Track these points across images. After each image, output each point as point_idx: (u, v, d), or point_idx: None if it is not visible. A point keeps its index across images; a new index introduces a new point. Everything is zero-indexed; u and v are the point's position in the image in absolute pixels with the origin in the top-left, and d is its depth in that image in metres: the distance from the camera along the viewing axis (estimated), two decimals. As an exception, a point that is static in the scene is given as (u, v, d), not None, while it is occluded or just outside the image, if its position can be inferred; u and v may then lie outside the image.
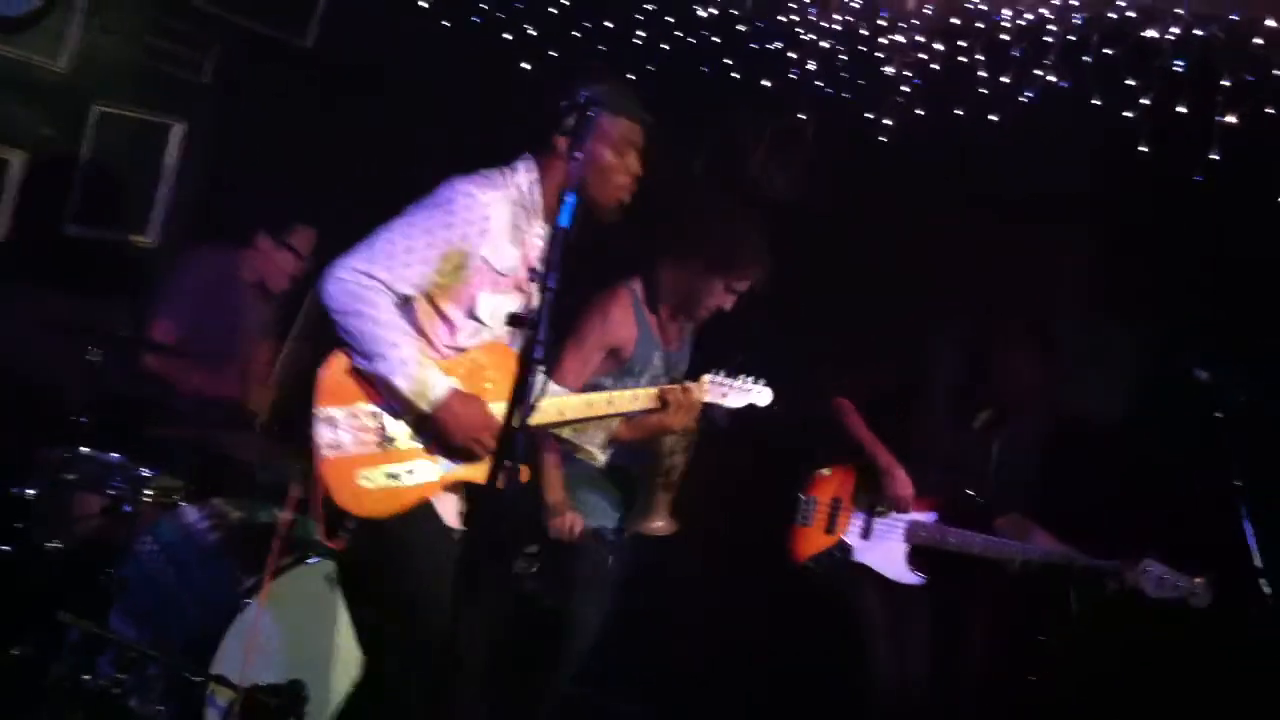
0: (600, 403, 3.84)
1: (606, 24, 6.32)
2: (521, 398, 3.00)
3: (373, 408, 3.64)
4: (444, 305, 3.70)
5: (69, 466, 4.72)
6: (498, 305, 3.71)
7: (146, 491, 4.77)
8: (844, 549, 4.97)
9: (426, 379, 3.58)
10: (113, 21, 5.94)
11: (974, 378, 4.98)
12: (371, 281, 3.57)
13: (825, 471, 5.06)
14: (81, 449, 4.75)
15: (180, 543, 4.66)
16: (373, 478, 3.62)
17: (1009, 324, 4.97)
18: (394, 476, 3.64)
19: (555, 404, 3.83)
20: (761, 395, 4.04)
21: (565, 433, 4.05)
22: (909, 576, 4.93)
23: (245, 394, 5.53)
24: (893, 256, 5.83)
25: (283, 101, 6.41)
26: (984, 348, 4.95)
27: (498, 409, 3.56)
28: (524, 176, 3.76)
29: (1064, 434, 5.13)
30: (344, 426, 3.61)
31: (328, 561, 4.44)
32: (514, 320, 3.50)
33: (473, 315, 3.70)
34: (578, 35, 6.41)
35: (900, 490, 4.85)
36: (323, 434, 3.60)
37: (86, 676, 4.31)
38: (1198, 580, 4.56)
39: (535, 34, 6.42)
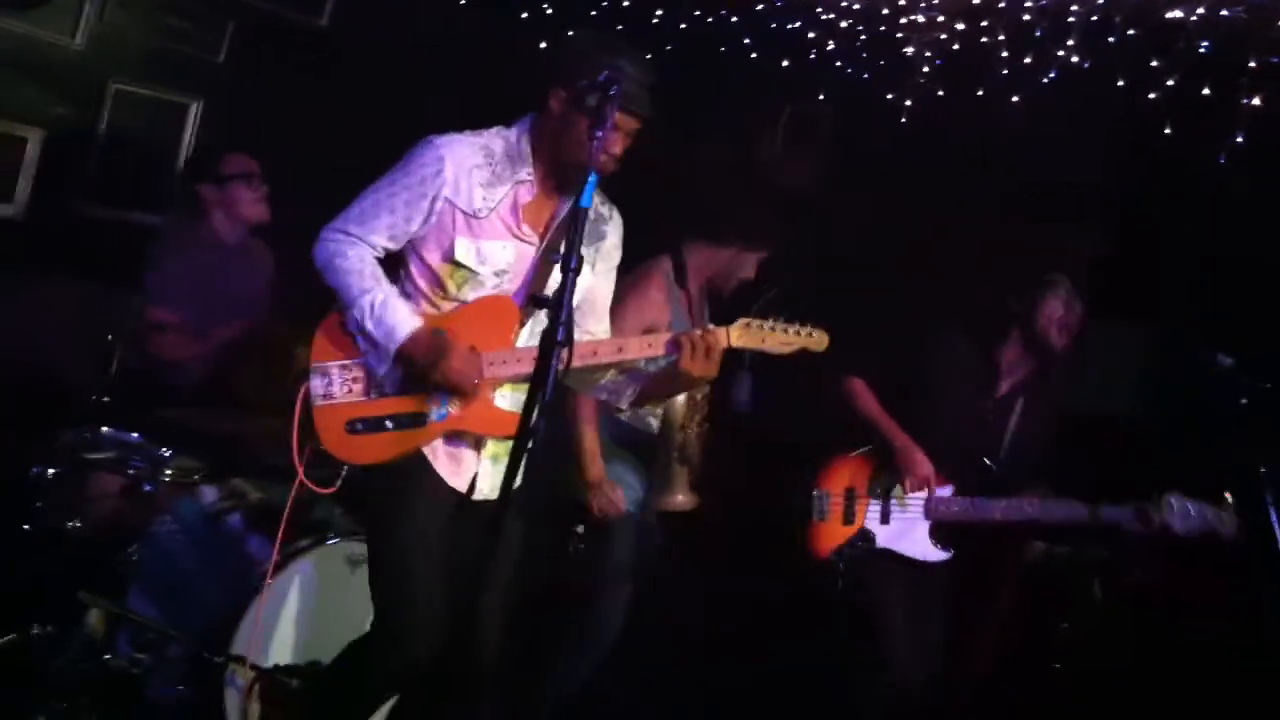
0: (609, 349, 3.69)
1: (624, 2, 6.28)
2: (543, 379, 2.98)
3: (362, 359, 3.72)
4: (426, 255, 3.73)
5: (88, 446, 4.72)
6: (483, 251, 3.68)
7: (166, 471, 4.77)
8: (866, 537, 4.92)
9: (395, 321, 3.61)
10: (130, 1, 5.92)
11: (997, 341, 4.96)
12: (346, 237, 3.70)
13: (836, 461, 5.01)
14: (101, 429, 4.75)
15: (199, 523, 4.67)
16: (360, 425, 3.69)
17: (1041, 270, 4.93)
18: (380, 424, 3.68)
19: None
20: (818, 339, 3.64)
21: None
22: (935, 553, 4.88)
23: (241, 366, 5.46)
24: (908, 238, 5.81)
25: (298, 80, 6.38)
26: (1014, 300, 4.92)
27: (494, 358, 3.63)
28: (514, 130, 3.77)
29: (1082, 416, 5.08)
30: (335, 377, 3.72)
31: (348, 542, 4.45)
32: (535, 301, 3.50)
33: (453, 260, 3.68)
34: (594, 14, 6.37)
35: (920, 471, 4.82)
36: (315, 385, 3.72)
37: (106, 656, 4.32)
38: (1224, 507, 4.51)
39: (552, 12, 6.38)
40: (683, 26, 6.19)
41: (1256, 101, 4.69)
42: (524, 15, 6.39)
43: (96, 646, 4.37)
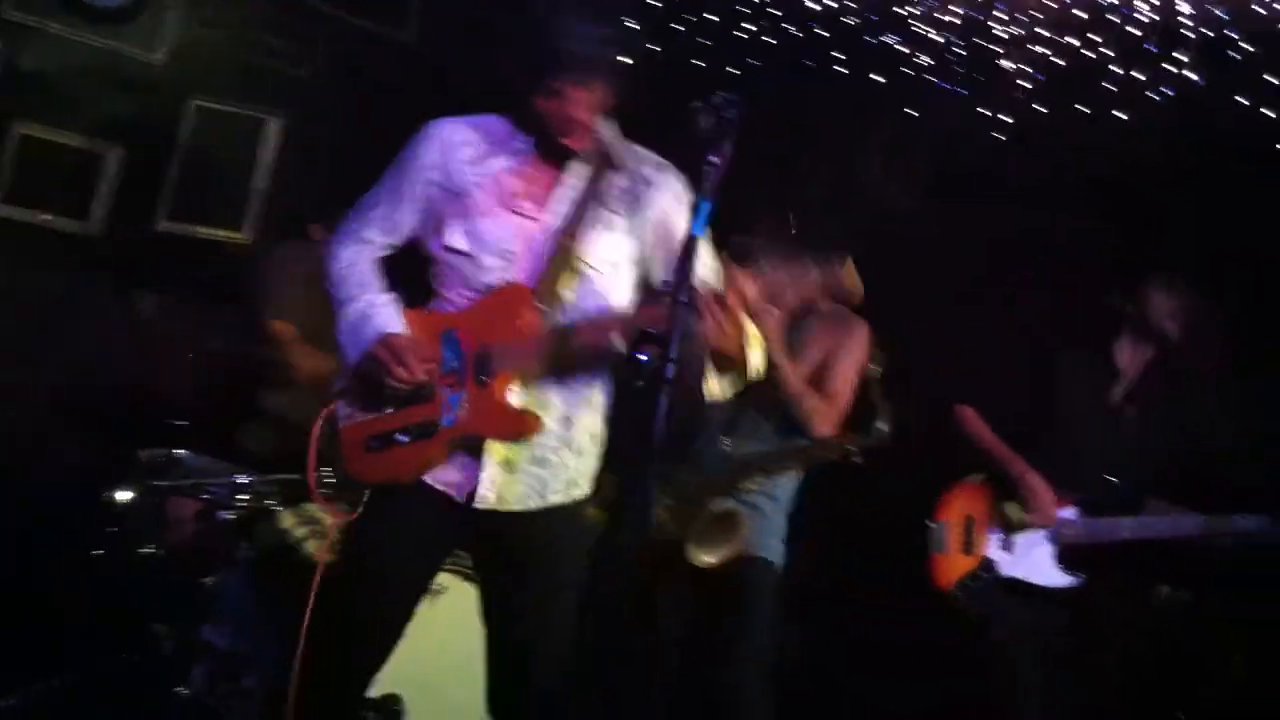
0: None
1: (709, 16, 6.14)
2: (652, 422, 2.77)
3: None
4: (431, 247, 3.52)
5: (165, 470, 4.63)
6: (477, 231, 3.43)
7: (242, 497, 4.66)
8: (989, 567, 4.73)
9: (364, 330, 3.41)
10: (214, 16, 5.86)
11: (1110, 343, 4.82)
12: (344, 235, 3.56)
13: (951, 491, 4.84)
14: (178, 452, 4.66)
15: (277, 550, 4.56)
16: (376, 443, 3.46)
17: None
18: (392, 439, 3.44)
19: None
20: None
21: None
22: (1062, 579, 4.67)
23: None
24: (1004, 259, 5.64)
25: (382, 96, 6.29)
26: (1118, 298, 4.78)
27: (505, 350, 3.37)
28: (500, 121, 3.54)
29: (1200, 433, 4.84)
30: (357, 394, 3.49)
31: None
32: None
33: (450, 248, 3.45)
34: (679, 28, 6.24)
35: (1042, 495, 4.64)
36: (340, 408, 3.52)
37: (182, 689, 4.23)
38: None
39: (636, 27, 6.24)
40: (773, 41, 6.05)
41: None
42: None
43: (172, 677, 4.28)
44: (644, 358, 4.84)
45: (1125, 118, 5.08)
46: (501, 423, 3.40)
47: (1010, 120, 5.48)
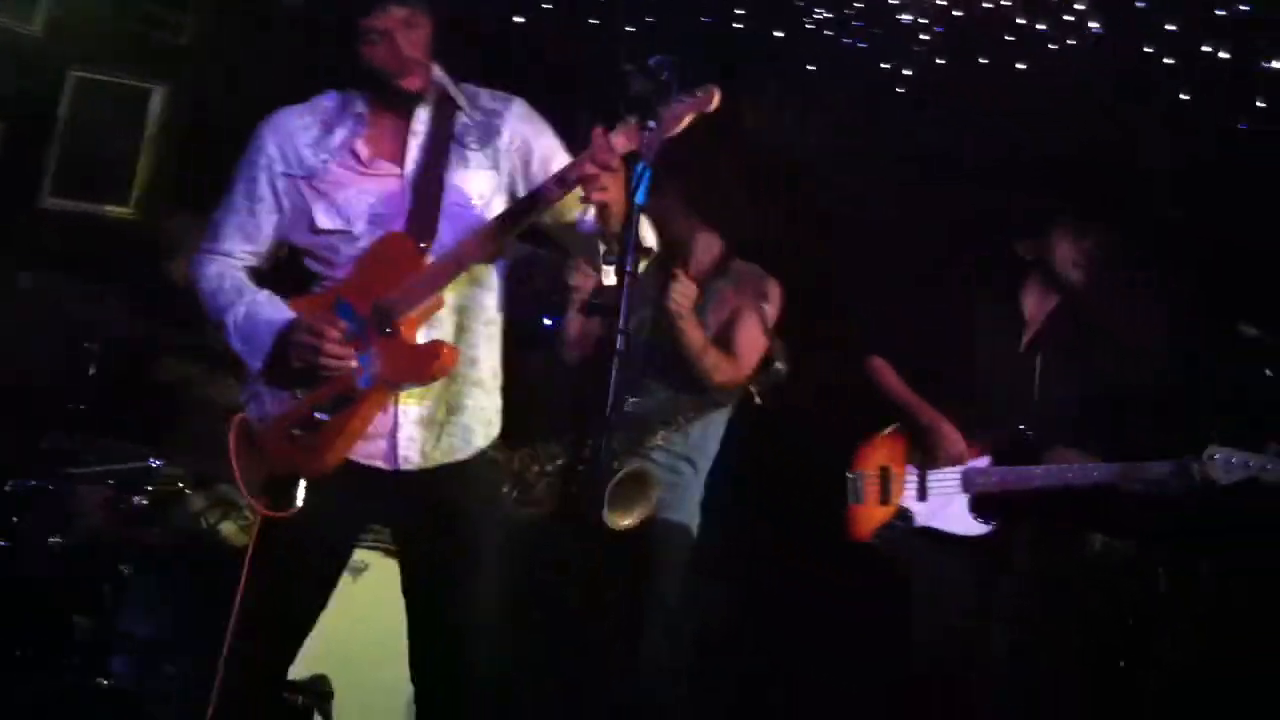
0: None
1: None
2: (607, 392, 2.73)
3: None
4: (298, 239, 3.44)
5: (69, 457, 4.50)
6: (340, 206, 3.36)
7: (152, 481, 4.55)
8: (905, 516, 4.75)
9: (253, 329, 3.34)
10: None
11: (1016, 290, 4.84)
12: (205, 255, 3.46)
13: (868, 442, 4.84)
14: (83, 438, 4.53)
15: (190, 534, 4.47)
16: (298, 430, 3.34)
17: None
18: (312, 420, 3.33)
19: None
20: (705, 96, 3.04)
21: None
22: (976, 527, 4.70)
23: None
24: (907, 211, 5.66)
25: (266, 62, 6.13)
26: (1024, 245, 4.79)
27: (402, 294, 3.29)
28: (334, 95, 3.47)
29: (1105, 380, 4.92)
30: (266, 396, 3.39)
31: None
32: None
33: (320, 230, 3.38)
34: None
35: (953, 449, 4.67)
36: (251, 411, 3.41)
37: (103, 680, 4.12)
38: (1271, 452, 4.31)
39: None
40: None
41: (1278, 65, 4.56)
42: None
43: (90, 668, 4.17)
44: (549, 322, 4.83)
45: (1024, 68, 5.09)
46: (417, 363, 3.31)
47: (910, 73, 5.46)
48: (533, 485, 4.25)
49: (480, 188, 3.43)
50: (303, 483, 3.32)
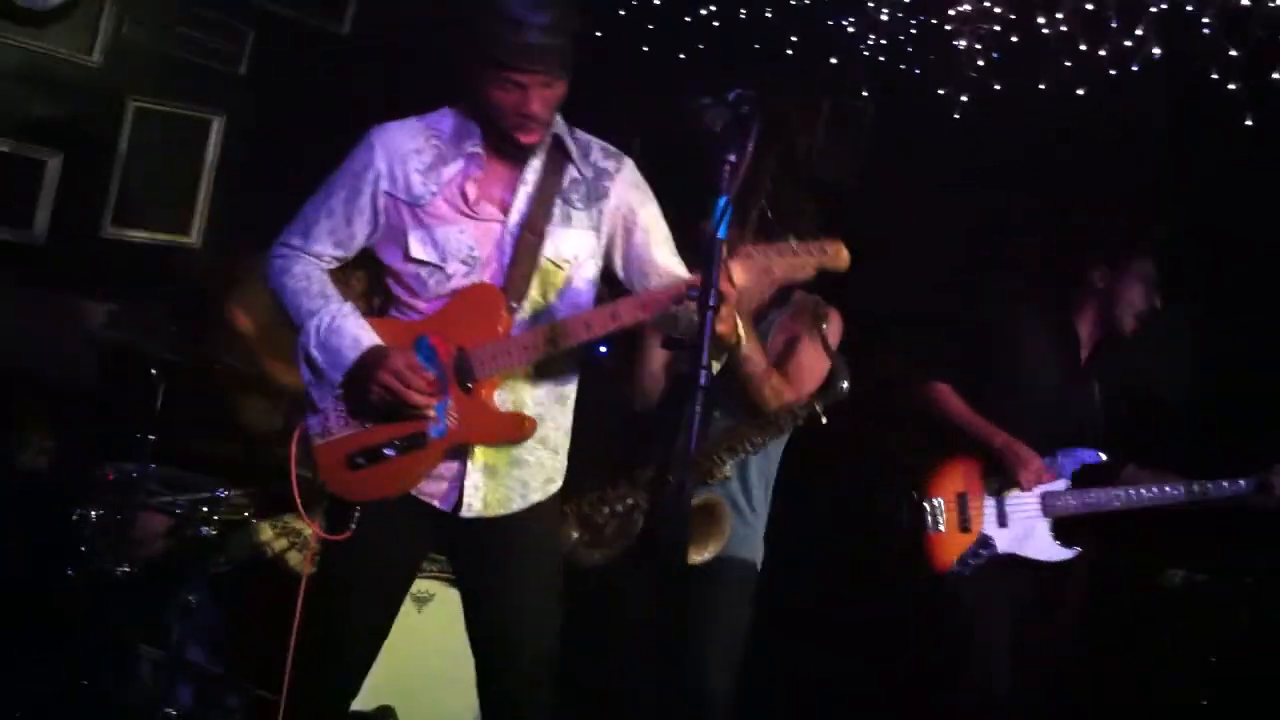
0: (603, 318, 3.30)
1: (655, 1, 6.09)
2: (681, 427, 2.70)
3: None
4: (389, 259, 3.42)
5: (134, 486, 4.51)
6: (438, 241, 3.35)
7: (218, 510, 4.57)
8: (986, 543, 4.68)
9: (339, 344, 3.31)
10: (144, 12, 5.69)
11: (1073, 310, 4.81)
12: (291, 251, 3.42)
13: (937, 468, 4.76)
14: (147, 467, 4.54)
15: (255, 563, 4.48)
16: (361, 459, 3.35)
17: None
18: (379, 453, 3.34)
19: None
20: (834, 252, 3.20)
21: None
22: (1060, 552, 4.66)
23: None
24: (961, 239, 5.66)
25: (320, 90, 6.17)
26: (1100, 275, 4.75)
27: (485, 354, 3.30)
28: (465, 102, 3.43)
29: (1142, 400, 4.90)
30: (331, 411, 3.37)
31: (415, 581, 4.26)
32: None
33: (413, 259, 3.36)
34: (623, 13, 6.18)
35: (1029, 466, 4.61)
36: (312, 423, 3.39)
37: (170, 710, 4.14)
38: None
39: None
40: (716, 25, 6.01)
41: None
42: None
43: (155, 698, 4.18)
44: (603, 350, 4.81)
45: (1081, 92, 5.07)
46: (494, 428, 3.36)
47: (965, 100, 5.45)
48: (602, 527, 4.22)
49: (577, 248, 3.42)
50: (358, 510, 3.34)
